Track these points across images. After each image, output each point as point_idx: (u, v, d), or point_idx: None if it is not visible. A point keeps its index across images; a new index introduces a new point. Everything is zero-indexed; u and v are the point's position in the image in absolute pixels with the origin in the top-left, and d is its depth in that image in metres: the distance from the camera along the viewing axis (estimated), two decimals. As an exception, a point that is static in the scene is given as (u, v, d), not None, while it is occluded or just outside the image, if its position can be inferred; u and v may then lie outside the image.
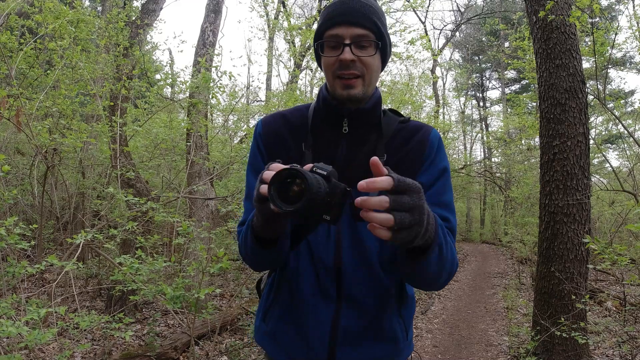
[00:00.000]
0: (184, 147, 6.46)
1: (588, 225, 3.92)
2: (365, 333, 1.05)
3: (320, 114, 1.14)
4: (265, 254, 1.00)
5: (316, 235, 1.07)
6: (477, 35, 23.72)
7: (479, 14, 19.44)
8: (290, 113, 1.18)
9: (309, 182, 0.71)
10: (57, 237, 6.05)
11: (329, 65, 1.06)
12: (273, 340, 1.12)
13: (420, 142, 1.11)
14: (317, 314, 1.05)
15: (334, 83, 1.07)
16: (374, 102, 1.11)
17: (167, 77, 7.95)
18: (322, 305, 1.05)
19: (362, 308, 1.06)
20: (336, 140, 1.10)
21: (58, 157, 5.05)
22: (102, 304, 5.15)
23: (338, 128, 1.11)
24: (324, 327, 1.04)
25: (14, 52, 4.68)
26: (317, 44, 1.08)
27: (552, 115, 4.00)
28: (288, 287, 1.10)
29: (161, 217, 4.02)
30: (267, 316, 1.14)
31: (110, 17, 5.55)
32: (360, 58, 1.03)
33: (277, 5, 12.89)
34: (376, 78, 1.11)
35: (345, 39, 1.02)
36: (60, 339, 3.77)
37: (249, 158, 1.18)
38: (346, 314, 1.05)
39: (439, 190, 1.08)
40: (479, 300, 7.27)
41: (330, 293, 1.06)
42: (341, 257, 1.06)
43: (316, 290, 1.06)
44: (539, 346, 3.89)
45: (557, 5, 3.96)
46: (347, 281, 1.05)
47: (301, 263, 1.08)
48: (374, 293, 1.06)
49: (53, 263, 2.67)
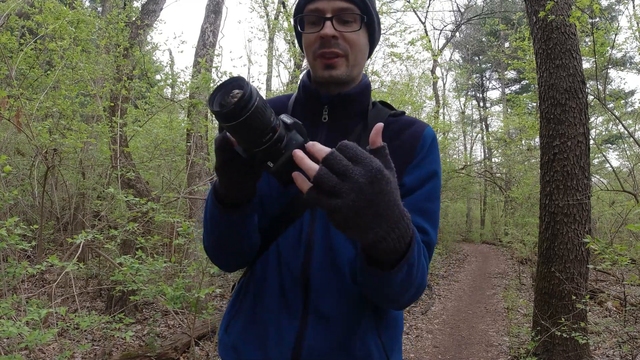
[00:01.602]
0: (184, 148, 6.46)
1: (588, 226, 3.92)
2: (332, 354, 0.90)
3: (299, 101, 1.04)
4: (224, 219, 0.87)
5: (286, 237, 0.95)
6: (477, 36, 23.72)
7: (479, 14, 19.44)
8: (271, 101, 1.08)
9: (245, 88, 0.66)
10: (57, 238, 6.05)
11: (310, 43, 0.95)
12: (235, 354, 0.97)
13: (410, 138, 0.98)
14: (279, 329, 0.91)
15: (315, 64, 0.95)
16: (360, 89, 1.00)
17: (168, 78, 7.96)
18: (285, 319, 0.91)
19: (330, 325, 0.90)
20: (315, 130, 0.98)
21: (58, 158, 5.06)
22: (103, 305, 5.15)
23: (318, 117, 1.00)
24: (287, 345, 0.90)
25: (14, 52, 4.68)
26: (296, 19, 0.97)
27: (552, 115, 4.00)
28: (252, 297, 0.97)
29: (161, 217, 4.03)
30: (230, 327, 1.00)
31: (110, 18, 5.56)
32: (343, 34, 0.93)
33: (277, 6, 12.89)
34: (362, 58, 0.99)
35: (326, 12, 0.92)
36: (61, 339, 3.77)
37: None
38: (312, 332, 0.90)
39: (423, 196, 0.95)
40: (479, 300, 7.27)
41: (295, 306, 0.92)
42: (310, 265, 0.92)
43: (280, 303, 0.92)
44: (539, 346, 3.89)
45: (557, 6, 3.96)
46: (315, 293, 0.91)
47: (268, 270, 0.95)
48: (345, 308, 0.91)
49: (53, 263, 2.67)
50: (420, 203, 0.93)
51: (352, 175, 0.60)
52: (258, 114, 0.67)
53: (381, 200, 0.63)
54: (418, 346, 4.85)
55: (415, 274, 0.78)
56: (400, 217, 0.68)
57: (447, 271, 10.07)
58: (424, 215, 0.93)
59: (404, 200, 0.83)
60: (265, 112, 0.69)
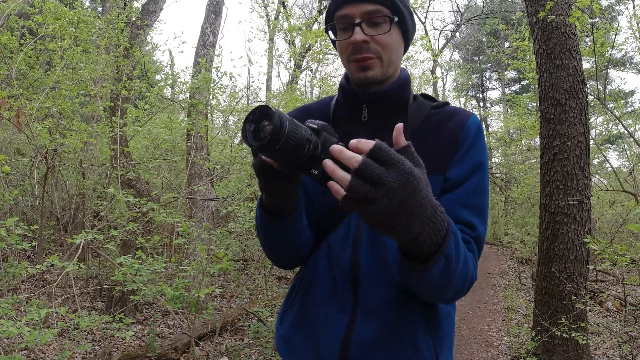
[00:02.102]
0: (184, 148, 6.46)
1: (588, 226, 3.92)
2: (380, 347, 0.91)
3: (340, 103, 1.06)
4: (272, 229, 0.92)
5: (336, 234, 0.98)
6: (477, 36, 23.73)
7: (479, 14, 19.44)
8: (314, 106, 1.12)
9: (275, 120, 0.69)
10: (57, 238, 6.04)
11: (343, 49, 0.97)
12: (287, 345, 1.03)
13: (454, 129, 0.97)
14: (328, 322, 0.94)
15: (350, 67, 0.98)
16: (397, 84, 1.00)
17: (168, 78, 7.97)
18: (335, 313, 0.94)
19: (378, 319, 0.92)
20: (356, 130, 1.00)
21: (58, 158, 5.06)
22: (103, 305, 5.15)
23: (358, 116, 1.01)
24: (336, 338, 0.92)
25: (14, 52, 4.69)
26: (328, 27, 0.99)
27: (552, 115, 4.00)
28: (305, 292, 1.02)
29: (161, 217, 4.03)
30: (284, 320, 1.06)
31: (110, 18, 5.56)
32: (374, 37, 0.93)
33: (277, 6, 12.90)
34: (397, 57, 0.99)
35: (355, 18, 0.93)
36: (61, 339, 3.77)
37: None
38: (361, 324, 0.92)
39: (471, 189, 0.93)
40: (479, 300, 7.26)
41: (345, 299, 0.94)
42: (358, 260, 0.94)
43: (331, 297, 0.95)
44: (539, 346, 3.89)
45: (557, 6, 3.96)
46: (364, 287, 0.93)
47: (319, 266, 0.99)
48: (393, 303, 0.92)
49: (53, 264, 2.67)
50: (466, 198, 0.93)
51: (385, 182, 0.62)
52: (292, 137, 0.70)
53: (414, 201, 0.65)
54: (418, 346, 4.85)
55: (454, 266, 0.78)
56: (433, 212, 0.69)
57: (447, 271, 10.05)
58: (472, 209, 0.92)
59: (451, 193, 0.93)
60: (297, 131, 0.72)
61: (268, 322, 4.48)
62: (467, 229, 0.91)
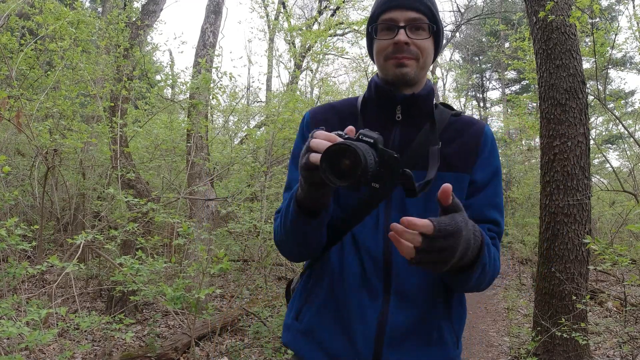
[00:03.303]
0: (184, 148, 6.46)
1: (589, 226, 3.91)
2: (413, 332, 0.99)
3: (371, 101, 1.12)
4: (306, 228, 0.96)
5: (363, 225, 1.03)
6: (477, 36, 23.73)
7: (479, 14, 19.44)
8: (340, 104, 1.17)
9: (360, 157, 0.74)
10: (57, 238, 6.04)
11: (382, 48, 1.05)
12: (309, 338, 1.03)
13: (475, 136, 1.10)
14: (362, 309, 0.99)
15: (386, 65, 1.06)
16: (427, 91, 1.09)
17: (168, 78, 7.97)
18: (367, 300, 0.99)
19: (411, 304, 1.00)
20: (389, 127, 1.07)
21: (58, 158, 5.05)
22: (103, 305, 5.15)
23: (391, 114, 1.08)
24: (370, 324, 0.98)
25: (14, 53, 4.69)
26: (371, 27, 1.08)
27: (553, 115, 4.00)
28: (329, 282, 1.04)
29: (161, 218, 4.03)
30: (302, 313, 1.06)
31: (110, 18, 5.56)
32: (414, 41, 1.03)
33: (277, 6, 12.90)
34: (429, 63, 1.10)
35: (399, 22, 1.03)
36: (61, 339, 3.77)
37: (293, 150, 1.14)
38: (394, 310, 0.99)
39: (493, 192, 1.09)
40: (479, 300, 7.26)
41: (376, 287, 1.00)
42: (390, 249, 1.00)
43: (362, 285, 1.00)
44: (539, 347, 3.89)
45: (557, 6, 3.96)
46: (398, 274, 1.00)
47: (346, 256, 1.03)
48: (424, 290, 1.01)
49: (54, 264, 2.67)
50: (492, 199, 1.08)
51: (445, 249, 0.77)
52: (369, 168, 0.76)
53: (465, 245, 0.81)
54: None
55: (488, 268, 0.94)
56: (472, 235, 0.83)
57: (448, 271, 10.06)
58: (496, 209, 1.08)
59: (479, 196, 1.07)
60: (367, 158, 0.76)
61: (268, 322, 4.48)
62: (494, 227, 1.06)
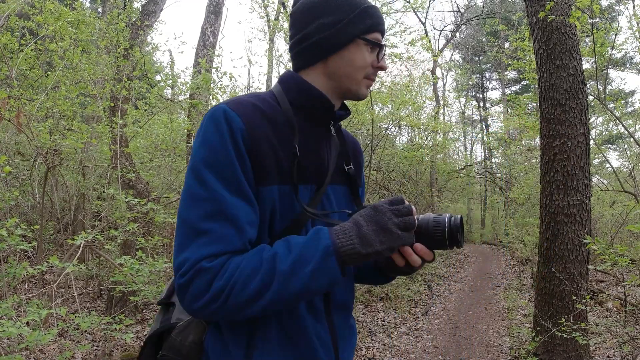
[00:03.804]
0: (184, 148, 6.46)
1: (589, 226, 3.91)
2: (347, 333, 1.04)
3: (305, 110, 0.99)
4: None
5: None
6: (477, 36, 23.72)
7: (479, 14, 19.44)
8: (264, 106, 0.94)
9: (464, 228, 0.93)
10: (57, 238, 6.04)
11: (365, 65, 0.99)
12: None
13: (359, 150, 1.21)
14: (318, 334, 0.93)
15: (362, 82, 1.01)
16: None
17: (168, 78, 7.97)
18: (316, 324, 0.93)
19: (343, 310, 1.03)
20: (325, 142, 1.02)
21: (58, 158, 5.05)
22: (103, 305, 5.15)
23: (326, 130, 1.03)
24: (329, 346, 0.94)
25: (14, 53, 4.69)
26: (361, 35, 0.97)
27: (553, 115, 4.00)
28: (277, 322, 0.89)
29: (161, 218, 4.03)
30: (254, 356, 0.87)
31: (110, 19, 5.56)
32: None
33: (277, 7, 12.90)
34: None
35: (382, 47, 1.01)
36: (61, 340, 3.77)
37: (206, 149, 0.85)
38: (337, 321, 0.99)
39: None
40: (479, 301, 7.26)
41: (318, 307, 0.94)
42: None
43: (308, 310, 0.93)
44: (539, 347, 3.89)
45: (557, 6, 3.96)
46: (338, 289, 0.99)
47: None
48: (351, 294, 1.09)
49: (54, 264, 2.67)
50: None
51: None
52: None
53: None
54: (418, 347, 4.85)
55: None
56: None
57: (448, 272, 10.06)
58: None
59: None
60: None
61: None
62: None
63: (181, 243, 0.81)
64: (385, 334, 5.16)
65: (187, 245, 0.80)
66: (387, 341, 4.95)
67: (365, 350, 4.59)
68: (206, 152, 0.84)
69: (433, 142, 13.02)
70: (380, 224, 0.82)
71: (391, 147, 11.34)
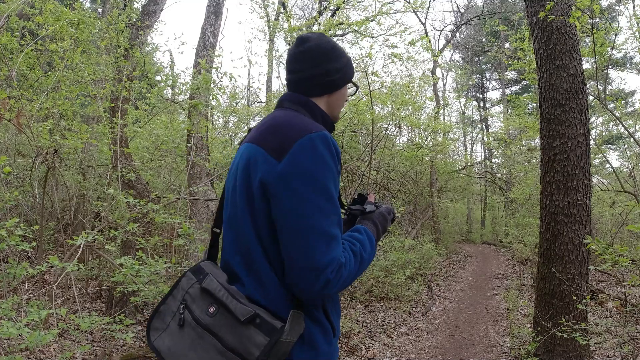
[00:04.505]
0: (184, 149, 6.46)
1: (589, 226, 3.91)
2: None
3: None
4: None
5: None
6: (477, 36, 23.72)
7: (479, 14, 19.44)
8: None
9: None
10: (57, 239, 6.04)
11: (344, 99, 1.41)
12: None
13: None
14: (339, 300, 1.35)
15: (340, 109, 1.41)
16: None
17: (168, 79, 7.96)
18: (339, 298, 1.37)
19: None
20: None
21: (59, 159, 5.05)
22: (103, 306, 5.15)
23: None
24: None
25: (14, 53, 4.69)
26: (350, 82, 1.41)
27: (553, 115, 4.00)
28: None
29: (162, 218, 4.02)
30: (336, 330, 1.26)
31: (110, 19, 5.56)
32: None
33: (277, 7, 12.92)
34: None
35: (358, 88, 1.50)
36: (61, 340, 3.77)
37: (327, 170, 1.11)
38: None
39: None
40: (479, 301, 7.26)
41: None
42: None
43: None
44: (539, 347, 3.89)
45: (557, 6, 3.97)
46: None
47: None
48: None
49: (54, 264, 2.67)
50: None
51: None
52: None
53: None
54: (418, 347, 4.85)
55: None
56: None
57: (448, 272, 10.06)
58: None
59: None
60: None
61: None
62: None
63: (314, 246, 1.06)
64: (386, 334, 5.16)
65: (324, 247, 1.06)
66: (387, 341, 4.95)
67: (366, 350, 4.59)
68: (327, 172, 1.11)
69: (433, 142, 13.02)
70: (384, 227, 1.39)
71: (391, 147, 11.35)
